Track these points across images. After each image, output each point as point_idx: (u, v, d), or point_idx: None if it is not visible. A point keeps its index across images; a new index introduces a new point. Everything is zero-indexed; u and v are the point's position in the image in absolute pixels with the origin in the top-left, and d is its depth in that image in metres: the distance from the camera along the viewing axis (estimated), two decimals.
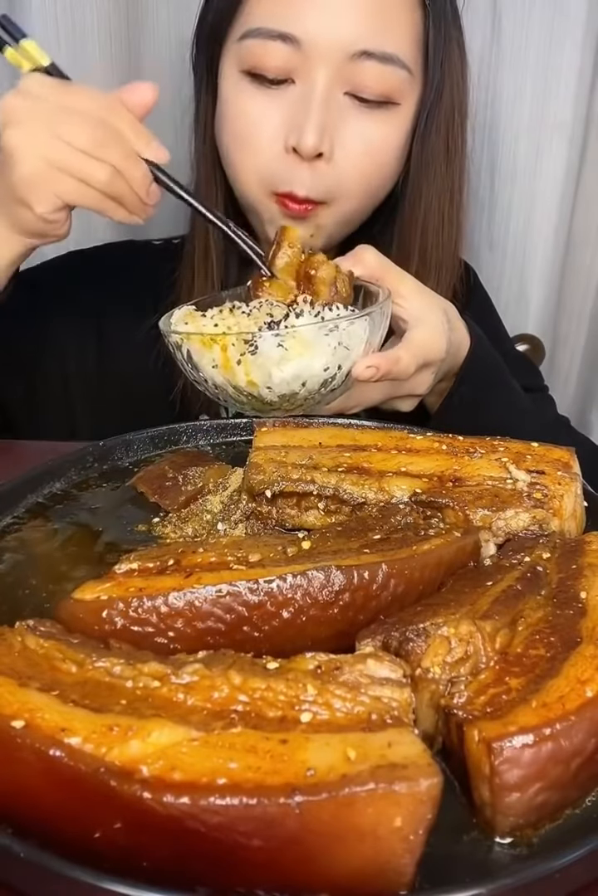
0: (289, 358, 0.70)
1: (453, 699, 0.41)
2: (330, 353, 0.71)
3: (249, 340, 0.69)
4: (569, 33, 1.18)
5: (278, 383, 0.71)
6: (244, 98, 0.89)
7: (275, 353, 0.69)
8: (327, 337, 0.70)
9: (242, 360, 0.70)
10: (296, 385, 0.71)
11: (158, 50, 1.21)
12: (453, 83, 0.93)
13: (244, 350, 0.69)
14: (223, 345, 0.70)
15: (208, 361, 0.72)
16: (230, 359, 0.70)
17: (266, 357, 0.69)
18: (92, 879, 0.33)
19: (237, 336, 0.70)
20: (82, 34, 1.16)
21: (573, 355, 1.38)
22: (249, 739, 0.36)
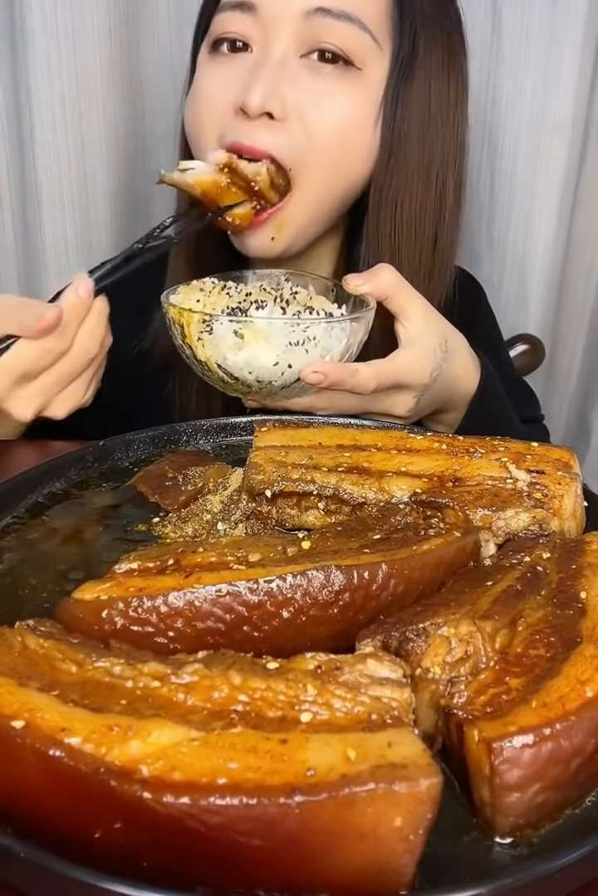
0: (242, 346, 0.74)
1: (453, 699, 0.41)
2: (281, 350, 0.73)
3: (207, 321, 0.74)
4: (569, 33, 1.19)
5: (231, 366, 0.75)
6: (204, 70, 0.90)
7: (229, 338, 0.74)
8: (285, 335, 0.73)
9: (201, 337, 0.75)
10: (245, 373, 0.75)
11: (158, 50, 1.21)
12: (431, 69, 0.89)
13: (203, 329, 0.75)
14: (187, 321, 0.76)
15: (178, 334, 0.78)
16: (192, 334, 0.76)
17: (220, 339, 0.74)
18: (92, 879, 0.33)
19: (199, 315, 0.75)
20: (82, 35, 1.16)
21: (573, 355, 1.38)
22: (249, 739, 0.36)
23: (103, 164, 1.24)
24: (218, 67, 0.88)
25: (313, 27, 0.84)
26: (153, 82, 1.22)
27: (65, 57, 1.16)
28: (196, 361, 0.78)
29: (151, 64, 1.22)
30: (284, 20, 0.84)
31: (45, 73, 1.16)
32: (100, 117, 1.21)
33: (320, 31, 0.84)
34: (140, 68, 1.22)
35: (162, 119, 1.24)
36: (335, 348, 0.76)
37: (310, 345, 0.74)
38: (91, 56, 1.17)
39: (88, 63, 1.17)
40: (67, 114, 1.19)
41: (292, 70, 0.85)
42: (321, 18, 0.83)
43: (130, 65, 1.21)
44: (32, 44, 1.14)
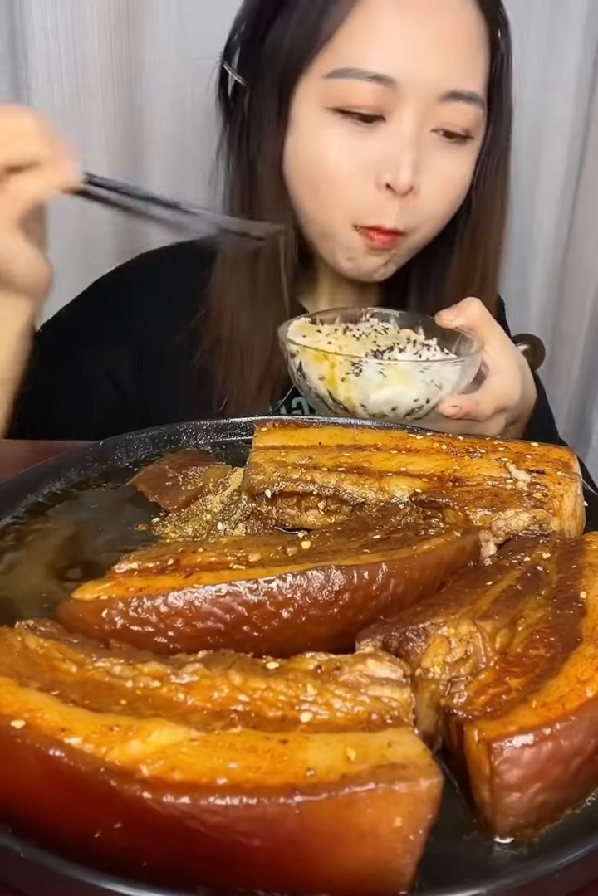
0: (386, 385, 0.79)
1: (453, 699, 0.41)
2: (423, 388, 0.80)
3: (356, 363, 0.79)
4: (569, 33, 1.19)
5: (372, 405, 0.80)
6: (331, 134, 0.90)
7: (375, 379, 0.79)
8: (421, 373, 0.80)
9: (346, 378, 0.80)
10: (387, 409, 0.81)
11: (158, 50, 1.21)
12: (506, 113, 0.98)
13: (350, 370, 0.79)
14: (332, 362, 0.80)
15: (316, 374, 0.82)
16: (336, 376, 0.80)
17: (367, 380, 0.79)
18: (92, 879, 0.33)
19: (346, 357, 0.80)
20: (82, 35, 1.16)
21: (573, 355, 1.38)
22: (249, 739, 0.36)
23: (103, 164, 1.23)
24: (351, 135, 0.89)
25: (445, 107, 0.89)
26: (153, 82, 1.22)
27: (65, 57, 1.16)
28: (332, 401, 0.82)
29: (151, 64, 1.22)
30: (421, 98, 0.87)
31: (45, 73, 1.16)
32: (100, 117, 1.21)
33: (450, 112, 0.89)
34: (140, 68, 1.22)
35: (162, 119, 1.24)
36: (461, 382, 0.84)
37: (439, 382, 0.81)
38: (91, 56, 1.17)
39: (88, 63, 1.17)
40: (67, 114, 1.19)
41: (426, 144, 0.90)
42: (453, 102, 0.89)
43: (129, 65, 1.21)
44: (32, 44, 1.14)
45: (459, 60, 0.89)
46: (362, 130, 0.89)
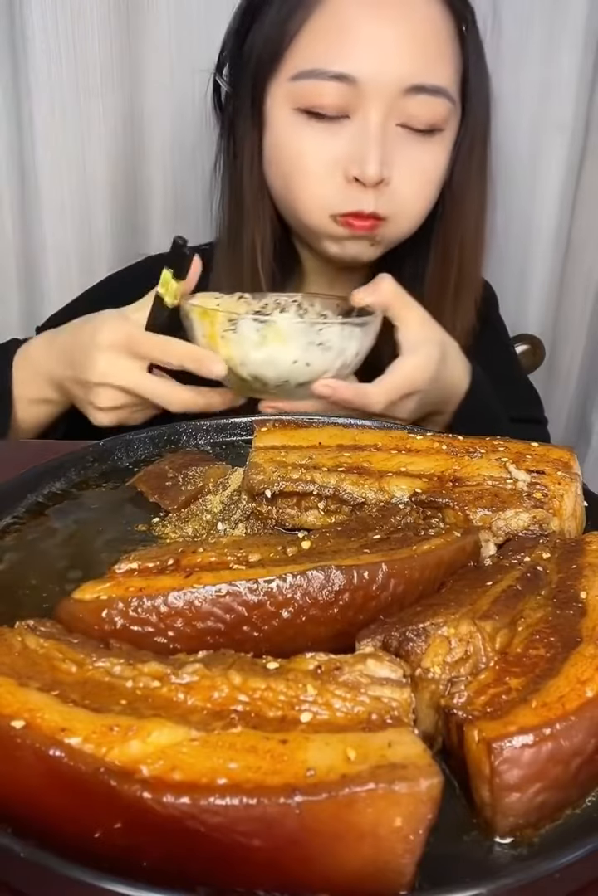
0: (264, 344, 0.79)
1: (453, 699, 0.41)
2: (302, 349, 0.79)
3: (233, 320, 0.80)
4: (569, 33, 1.18)
5: (251, 363, 0.80)
6: (301, 134, 0.93)
7: (252, 337, 0.79)
8: (301, 334, 0.79)
9: (225, 336, 0.80)
10: (267, 370, 0.80)
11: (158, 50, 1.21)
12: (481, 107, 0.99)
13: (228, 328, 0.80)
14: (212, 319, 0.81)
15: (200, 332, 0.82)
16: (216, 333, 0.80)
17: (244, 338, 0.79)
18: (92, 879, 0.33)
19: (224, 314, 0.81)
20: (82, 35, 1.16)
21: (573, 355, 1.38)
22: (249, 739, 0.36)
23: (103, 165, 1.23)
24: (318, 133, 0.92)
25: (409, 102, 0.90)
26: (153, 82, 1.22)
27: (65, 57, 1.16)
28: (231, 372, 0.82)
29: (151, 64, 1.22)
30: (385, 93, 0.89)
31: (45, 73, 1.15)
32: (100, 118, 1.21)
33: (415, 105, 0.91)
34: (140, 68, 1.22)
35: (162, 119, 1.23)
36: (348, 350, 0.81)
37: (326, 346, 0.80)
38: (91, 56, 1.17)
39: (88, 63, 1.17)
40: (67, 114, 1.19)
41: (392, 137, 0.91)
42: (417, 95, 0.90)
43: (129, 65, 1.21)
44: (32, 44, 1.14)
45: (422, 55, 0.90)
46: (329, 129, 0.91)
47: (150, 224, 1.30)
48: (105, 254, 1.26)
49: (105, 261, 1.23)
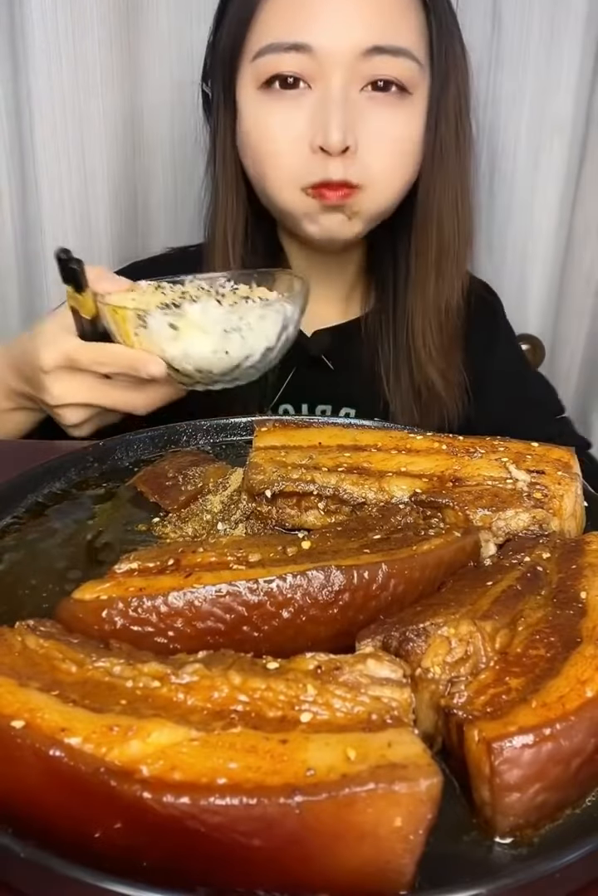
0: (179, 337, 0.76)
1: (453, 699, 0.41)
2: (219, 338, 0.76)
3: (141, 315, 0.76)
4: (569, 33, 1.18)
5: (170, 359, 0.77)
6: (265, 111, 0.93)
7: (164, 331, 0.76)
8: (218, 323, 0.76)
9: (137, 333, 0.77)
10: (189, 364, 0.77)
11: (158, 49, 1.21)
12: (458, 75, 0.97)
13: (138, 325, 0.76)
14: (122, 317, 0.77)
15: (117, 332, 0.79)
16: (129, 331, 0.78)
17: (156, 333, 0.76)
18: (92, 879, 0.33)
19: (132, 311, 0.77)
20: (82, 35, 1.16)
21: (573, 355, 1.38)
22: (249, 739, 0.36)
23: (103, 164, 1.23)
24: (279, 106, 0.92)
25: (369, 64, 0.89)
26: (153, 82, 1.22)
27: (65, 56, 1.16)
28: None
29: (151, 63, 1.22)
30: (342, 59, 0.88)
31: (45, 72, 1.15)
32: (100, 117, 1.21)
33: (376, 67, 0.90)
34: (140, 68, 1.22)
35: (162, 119, 1.24)
36: (271, 332, 0.79)
37: (245, 330, 0.77)
38: (91, 55, 1.17)
39: (88, 62, 1.17)
40: (67, 114, 1.19)
41: (356, 103, 0.90)
42: (376, 56, 0.89)
43: (129, 64, 1.21)
44: (32, 44, 1.14)
45: (379, 18, 0.89)
46: (292, 101, 0.91)
47: (150, 224, 1.30)
48: (105, 254, 1.26)
49: (105, 261, 1.23)
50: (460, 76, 0.98)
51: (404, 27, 0.91)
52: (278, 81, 0.90)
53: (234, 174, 1.00)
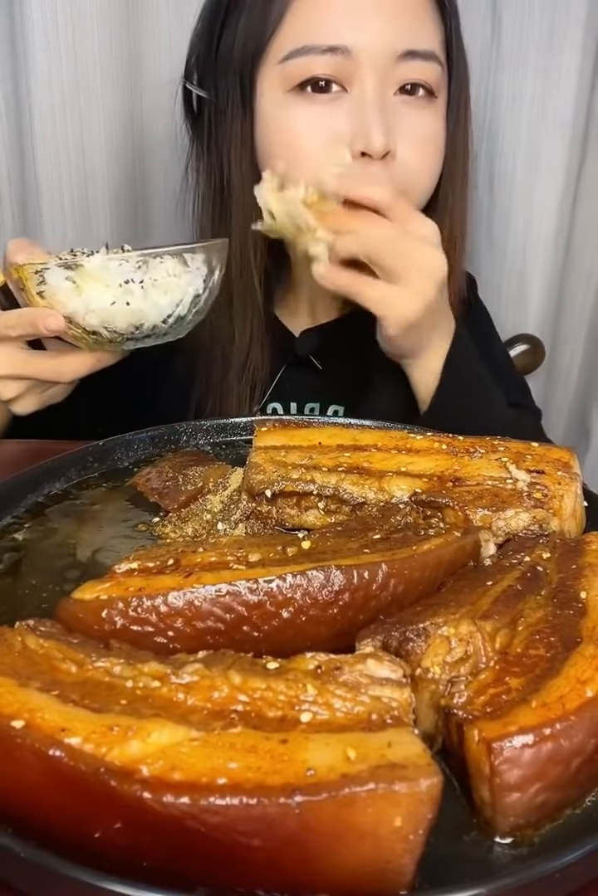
0: (80, 292, 0.74)
1: (453, 699, 0.41)
2: (118, 289, 0.74)
3: (39, 271, 0.74)
4: (569, 33, 1.18)
5: (72, 314, 0.75)
6: (297, 115, 0.91)
7: (64, 286, 0.74)
8: (117, 275, 0.73)
9: (40, 291, 0.75)
10: (92, 319, 0.75)
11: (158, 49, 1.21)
12: (462, 72, 0.99)
13: (38, 281, 0.74)
14: (24, 276, 0.75)
15: (25, 298, 0.77)
16: (32, 290, 0.75)
17: (56, 289, 0.74)
18: (92, 879, 0.33)
19: (30, 267, 0.75)
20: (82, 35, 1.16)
21: (573, 355, 1.38)
22: (250, 739, 0.36)
23: (103, 164, 1.23)
24: (311, 109, 0.90)
25: (402, 67, 0.90)
26: (153, 82, 1.22)
27: (65, 56, 1.16)
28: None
29: (151, 64, 1.22)
30: (378, 62, 0.88)
31: (45, 73, 1.15)
32: (100, 117, 1.21)
33: (408, 70, 0.90)
34: (140, 68, 1.22)
35: (162, 119, 1.23)
36: (178, 287, 0.77)
37: (147, 283, 0.74)
38: (91, 56, 1.17)
39: (88, 63, 1.17)
40: (67, 113, 1.19)
41: (392, 107, 0.90)
42: (410, 60, 0.89)
43: (129, 64, 1.21)
44: (32, 44, 1.14)
45: (410, 21, 0.89)
46: (326, 105, 0.90)
47: (150, 223, 1.30)
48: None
49: None
50: (463, 73, 0.99)
51: (430, 30, 0.92)
52: (311, 85, 0.89)
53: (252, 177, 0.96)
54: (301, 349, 1.04)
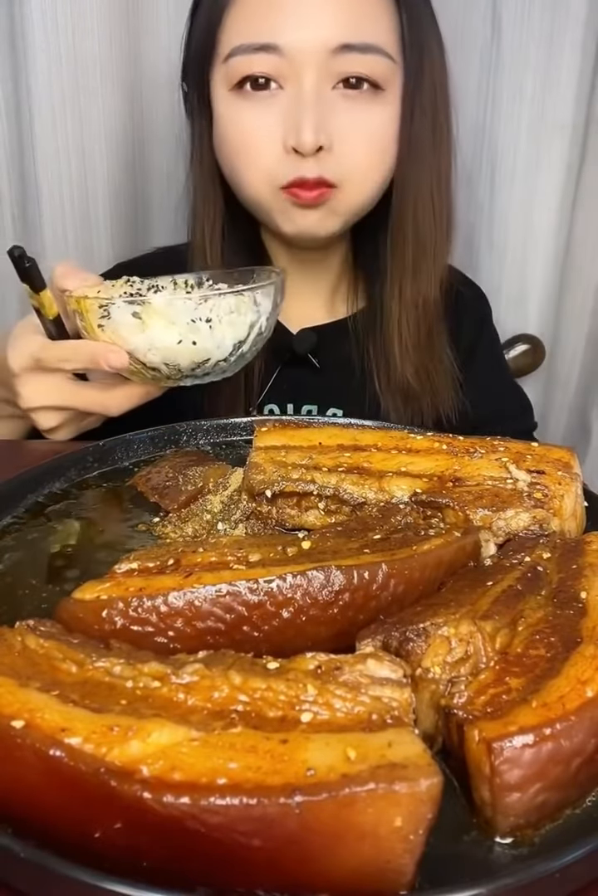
0: (144, 328, 0.73)
1: (454, 699, 0.41)
2: (183, 328, 0.73)
3: (104, 305, 0.73)
4: (569, 33, 1.18)
5: (134, 350, 0.74)
6: (238, 112, 0.92)
7: (128, 321, 0.73)
8: (183, 312, 0.73)
9: (101, 324, 0.74)
10: (151, 355, 0.75)
11: (158, 49, 1.21)
12: (432, 67, 0.96)
13: (102, 315, 0.74)
14: (85, 308, 0.75)
15: (81, 325, 0.77)
16: (93, 322, 0.75)
17: (120, 324, 0.73)
18: (92, 879, 0.33)
19: (93, 300, 0.74)
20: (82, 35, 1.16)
21: (573, 355, 1.38)
22: (250, 739, 0.36)
23: (103, 164, 1.23)
24: (251, 106, 0.91)
25: (339, 62, 0.89)
26: (153, 82, 1.22)
27: (65, 56, 1.16)
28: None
29: (151, 64, 1.22)
30: (311, 58, 0.88)
31: (45, 72, 1.15)
32: (100, 117, 1.21)
33: (346, 64, 0.89)
34: (140, 68, 1.22)
35: (162, 119, 1.24)
36: (241, 324, 0.76)
37: (214, 321, 0.74)
38: (91, 56, 1.17)
39: (88, 63, 1.17)
40: (67, 114, 1.19)
41: (328, 102, 0.90)
42: (346, 53, 0.89)
43: (129, 64, 1.21)
44: (32, 44, 1.14)
45: (347, 14, 0.88)
46: (264, 102, 0.91)
47: (150, 224, 1.30)
48: (105, 254, 1.26)
49: (105, 261, 1.23)
50: (435, 70, 0.96)
51: (373, 23, 0.90)
52: (250, 83, 0.90)
53: (210, 173, 1.00)
54: (299, 347, 1.04)
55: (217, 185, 1.00)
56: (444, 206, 1.01)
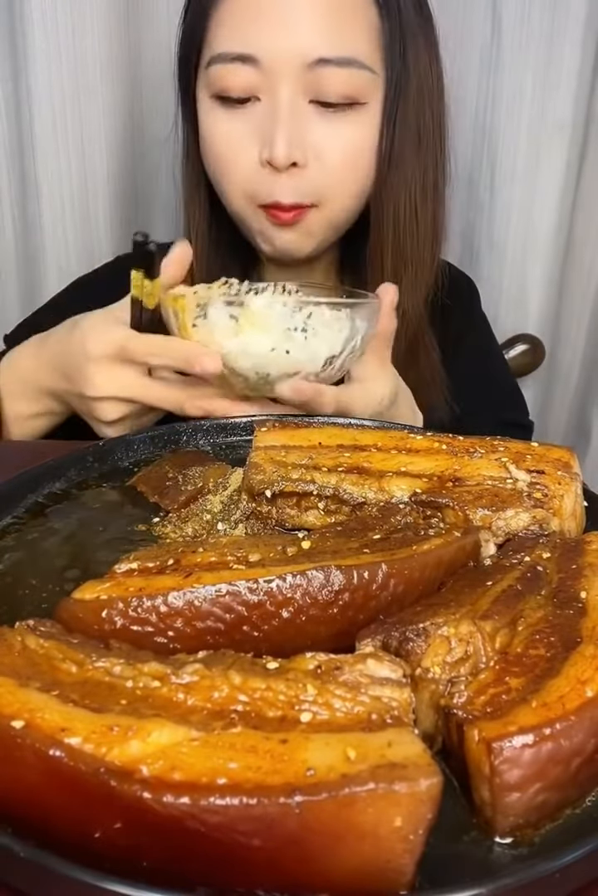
0: (238, 332, 0.72)
1: (453, 699, 0.41)
2: (281, 335, 0.72)
3: (202, 304, 0.73)
4: (569, 33, 1.18)
5: (226, 354, 0.73)
6: (216, 121, 0.92)
7: (225, 323, 0.72)
8: (280, 320, 0.72)
9: (196, 323, 0.73)
10: (242, 361, 0.73)
11: (158, 49, 1.21)
12: (420, 75, 0.94)
13: (197, 314, 0.73)
14: (181, 306, 0.74)
15: (174, 323, 0.76)
16: (187, 322, 0.74)
17: (215, 325, 0.72)
18: (92, 879, 0.33)
19: (193, 298, 0.73)
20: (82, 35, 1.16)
21: (573, 355, 1.38)
22: (249, 739, 0.36)
23: (103, 164, 1.24)
24: (229, 117, 0.91)
25: (317, 76, 0.87)
26: (153, 81, 1.22)
27: (65, 56, 1.16)
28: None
29: (151, 63, 1.22)
30: (288, 71, 0.87)
31: (45, 72, 1.16)
32: (100, 117, 1.21)
33: (324, 79, 0.87)
34: (140, 67, 1.22)
35: (162, 119, 1.24)
36: (336, 339, 0.75)
37: (310, 332, 0.73)
38: (91, 55, 1.17)
39: (88, 62, 1.17)
40: (67, 113, 1.19)
41: (304, 116, 0.88)
42: (323, 67, 0.87)
43: (129, 64, 1.21)
44: (32, 44, 1.14)
45: (325, 27, 0.87)
46: (240, 112, 0.90)
47: (150, 223, 1.30)
48: (105, 253, 1.26)
49: (105, 260, 1.23)
50: (424, 76, 0.94)
51: (352, 35, 0.88)
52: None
53: (197, 177, 1.00)
54: None
55: (202, 188, 1.00)
56: (429, 216, 0.98)
